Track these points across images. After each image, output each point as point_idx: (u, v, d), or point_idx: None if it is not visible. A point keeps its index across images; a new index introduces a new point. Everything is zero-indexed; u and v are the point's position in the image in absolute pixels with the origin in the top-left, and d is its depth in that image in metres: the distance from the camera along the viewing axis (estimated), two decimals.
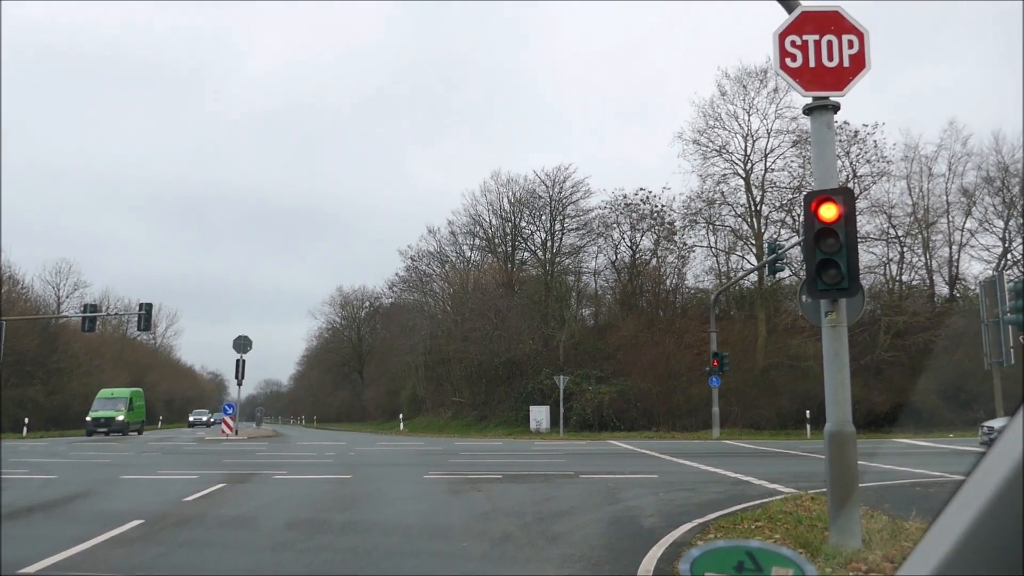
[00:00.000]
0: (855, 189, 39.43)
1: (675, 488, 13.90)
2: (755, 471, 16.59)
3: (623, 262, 52.26)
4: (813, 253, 7.08)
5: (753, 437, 33.60)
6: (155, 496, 13.59)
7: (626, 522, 10.28)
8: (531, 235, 56.19)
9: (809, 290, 7.34)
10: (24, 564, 7.52)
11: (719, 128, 44.88)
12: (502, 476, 16.55)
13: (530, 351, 48.42)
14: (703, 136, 45.08)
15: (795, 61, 7.51)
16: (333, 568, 7.51)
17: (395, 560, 8.02)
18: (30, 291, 61.97)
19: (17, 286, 58.69)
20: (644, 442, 31.45)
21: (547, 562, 7.77)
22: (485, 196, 57.06)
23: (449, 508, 12.06)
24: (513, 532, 9.48)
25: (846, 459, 7.30)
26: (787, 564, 1.48)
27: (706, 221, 46.43)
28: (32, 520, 11.16)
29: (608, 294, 54.63)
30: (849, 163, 42.08)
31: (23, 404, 47.90)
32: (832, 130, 7.73)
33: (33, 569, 7.39)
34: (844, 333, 7.47)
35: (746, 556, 1.50)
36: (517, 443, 33.20)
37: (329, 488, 14.89)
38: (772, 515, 9.55)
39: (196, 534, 9.82)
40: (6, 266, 56.32)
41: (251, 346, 40.72)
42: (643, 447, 27.62)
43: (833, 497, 7.29)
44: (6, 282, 56.52)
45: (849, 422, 7.37)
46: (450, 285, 61.07)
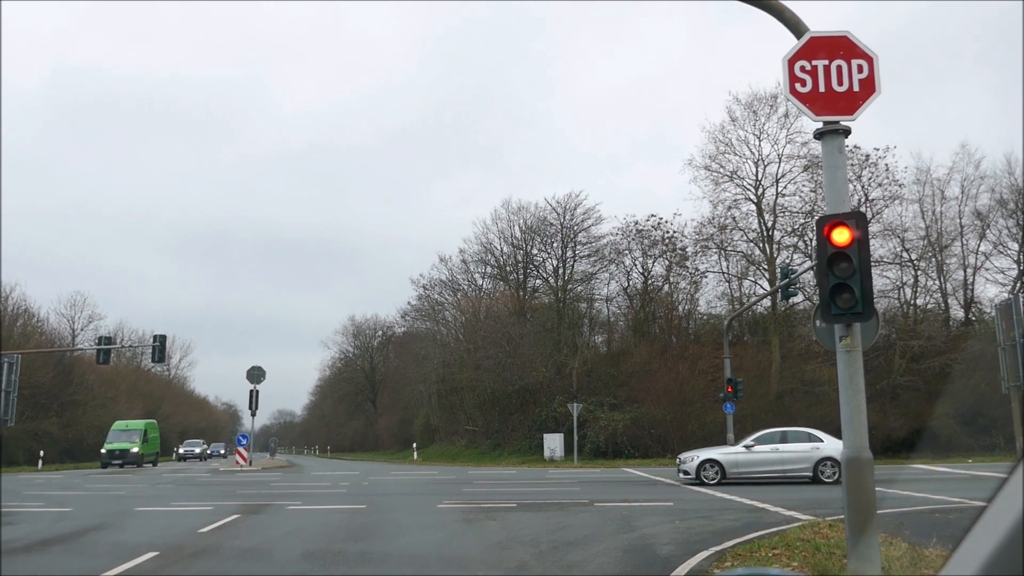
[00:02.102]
0: (868, 213, 39.33)
1: (690, 516, 13.77)
2: (771, 498, 16.43)
3: (635, 288, 52.19)
4: (826, 277, 7.05)
5: None
6: (170, 528, 13.57)
7: (642, 550, 10.18)
8: (543, 262, 56.26)
9: (823, 315, 7.30)
10: None
11: (730, 154, 44.96)
12: (516, 505, 16.44)
13: (543, 379, 48.24)
14: (714, 162, 45.14)
15: (805, 86, 7.53)
16: None
17: None
18: (45, 324, 62.40)
19: (32, 319, 59.08)
20: (659, 469, 31.19)
21: None
22: (496, 224, 57.21)
23: (464, 537, 11.98)
24: (528, 561, 9.40)
25: (864, 485, 7.21)
26: None
27: (718, 247, 46.38)
28: (48, 553, 11.15)
29: (621, 321, 54.50)
30: (861, 187, 42.00)
31: (38, 437, 48.01)
32: (843, 154, 7.73)
33: None
34: (859, 358, 7.41)
35: None
36: (531, 471, 33.00)
37: (344, 518, 14.83)
38: (790, 543, 9.44)
39: (211, 566, 9.79)
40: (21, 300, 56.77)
41: (264, 376, 40.78)
42: (658, 474, 27.39)
43: (851, 524, 7.20)
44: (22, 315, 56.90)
45: (866, 448, 7.30)
46: (462, 313, 61.05)
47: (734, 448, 21.41)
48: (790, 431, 22.06)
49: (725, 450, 21.60)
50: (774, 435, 21.56)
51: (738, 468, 20.63)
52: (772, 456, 20.75)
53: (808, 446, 20.91)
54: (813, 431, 22.10)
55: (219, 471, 38.43)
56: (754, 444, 21.05)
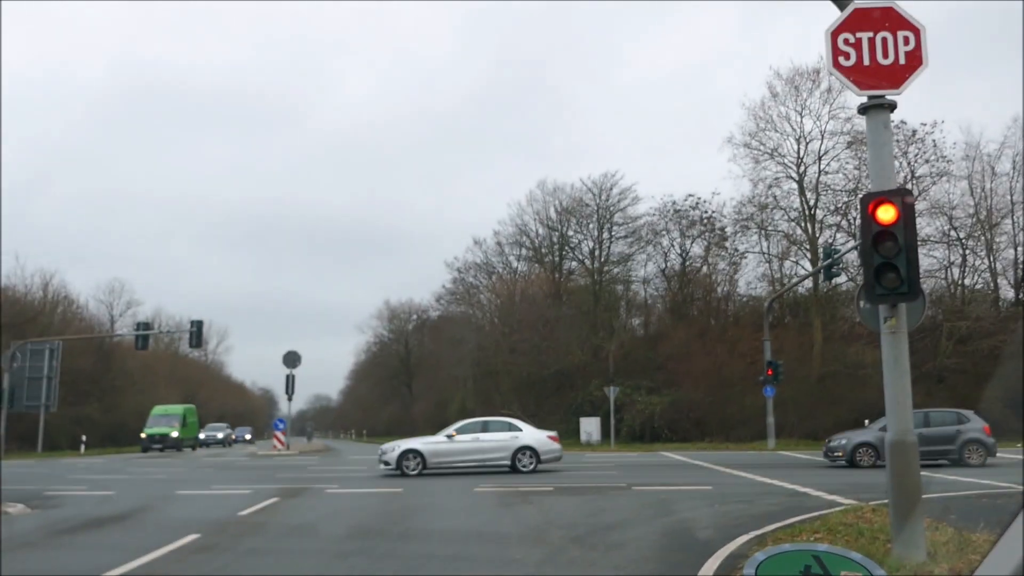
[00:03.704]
0: (914, 190, 38.64)
1: (730, 500, 13.73)
2: (813, 482, 16.32)
3: (673, 270, 51.87)
4: (871, 257, 6.95)
5: (810, 448, 32.98)
6: (210, 510, 13.84)
7: (680, 534, 10.19)
8: (578, 244, 56.10)
9: (867, 295, 7.21)
10: None
11: (771, 130, 44.38)
12: (553, 488, 16.51)
13: (579, 362, 48.26)
14: (754, 139, 44.61)
15: (848, 60, 7.40)
16: None
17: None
18: (84, 310, 63.64)
19: (72, 305, 60.31)
20: (697, 453, 31.11)
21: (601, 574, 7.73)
22: (531, 205, 57.10)
23: (501, 520, 12.08)
24: (566, 544, 9.45)
25: (909, 469, 7.14)
26: (856, 568, 1.45)
27: (758, 226, 45.90)
28: (92, 534, 11.44)
29: (658, 303, 54.26)
30: (907, 163, 41.27)
31: (80, 422, 49.04)
32: (889, 130, 7.59)
33: None
34: (904, 339, 7.32)
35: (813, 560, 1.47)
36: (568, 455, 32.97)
37: (380, 501, 15.02)
38: (832, 527, 9.37)
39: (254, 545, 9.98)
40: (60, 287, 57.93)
41: (300, 361, 41.25)
42: (696, 458, 27.33)
43: (896, 509, 7.13)
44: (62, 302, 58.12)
45: (911, 431, 7.22)
46: (497, 296, 61.20)
47: (436, 438, 21.54)
48: (492, 420, 22.53)
49: (427, 440, 21.74)
50: (476, 424, 21.89)
51: (439, 458, 20.69)
52: (473, 445, 20.90)
53: (507, 435, 21.17)
54: (513, 420, 22.74)
55: (257, 455, 39.05)
56: (456, 433, 21.16)
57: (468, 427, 21.63)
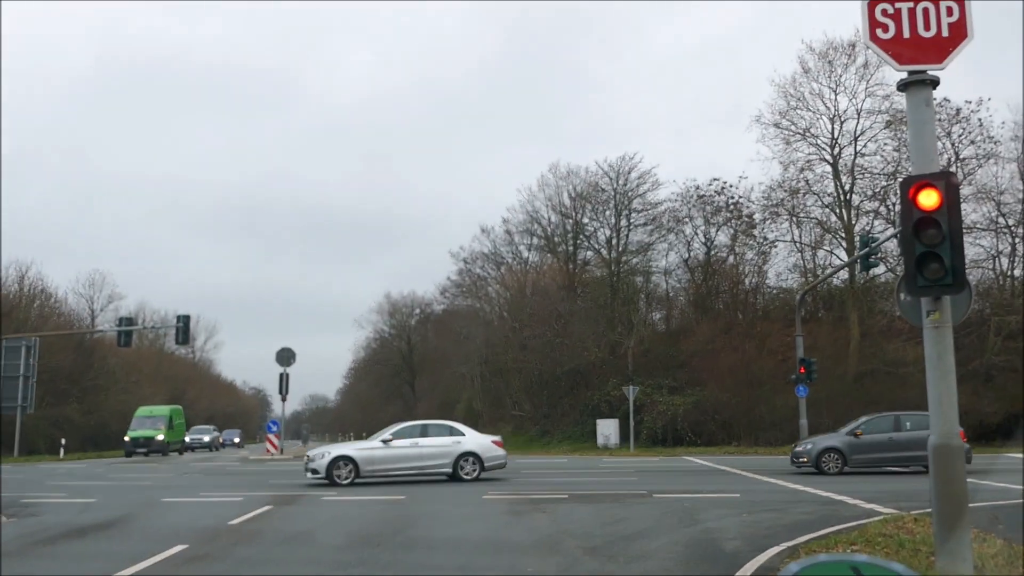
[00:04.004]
0: (959, 173, 38.43)
1: (759, 508, 13.72)
2: (849, 489, 16.29)
3: (696, 260, 51.74)
4: (912, 246, 6.92)
5: None
6: (199, 519, 13.91)
7: (706, 546, 10.19)
8: (594, 232, 55.98)
9: (908, 287, 7.18)
10: None
11: (802, 109, 44.15)
12: (568, 496, 16.54)
13: (596, 359, 48.24)
14: (784, 118, 44.39)
15: (887, 32, 7.35)
16: None
17: None
18: (63, 305, 63.86)
19: (50, 300, 60.57)
20: (723, 458, 31.10)
21: None
22: (543, 191, 56.94)
23: (511, 531, 12.10)
24: (581, 557, 9.47)
25: (953, 476, 7.12)
26: None
27: (789, 213, 45.70)
28: (70, 545, 11.52)
29: (681, 295, 54.15)
30: (951, 144, 41.00)
31: (59, 424, 49.32)
32: (931, 108, 7.54)
33: None
34: (949, 335, 7.28)
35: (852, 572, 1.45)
36: (583, 460, 33.13)
37: (381, 510, 15.06)
38: (870, 538, 9.36)
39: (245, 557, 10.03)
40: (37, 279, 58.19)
41: (295, 358, 41.36)
42: (722, 463, 27.33)
43: (940, 518, 7.11)
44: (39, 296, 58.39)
45: (956, 434, 7.19)
46: (506, 289, 61.21)
47: (370, 443, 21.27)
48: (431, 424, 22.42)
49: (360, 445, 21.48)
50: (414, 428, 21.70)
51: (374, 465, 20.45)
52: (412, 451, 20.71)
53: (449, 440, 21.04)
54: (455, 424, 22.68)
55: (248, 460, 39.23)
56: (392, 438, 20.91)
57: (406, 431, 21.38)
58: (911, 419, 22.45)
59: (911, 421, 22.34)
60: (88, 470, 31.29)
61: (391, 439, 20.95)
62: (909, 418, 22.65)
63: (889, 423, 22.61)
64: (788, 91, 44.24)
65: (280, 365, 41.06)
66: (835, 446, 22.01)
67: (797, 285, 45.38)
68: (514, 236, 60.40)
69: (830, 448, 22.02)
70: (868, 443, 22.03)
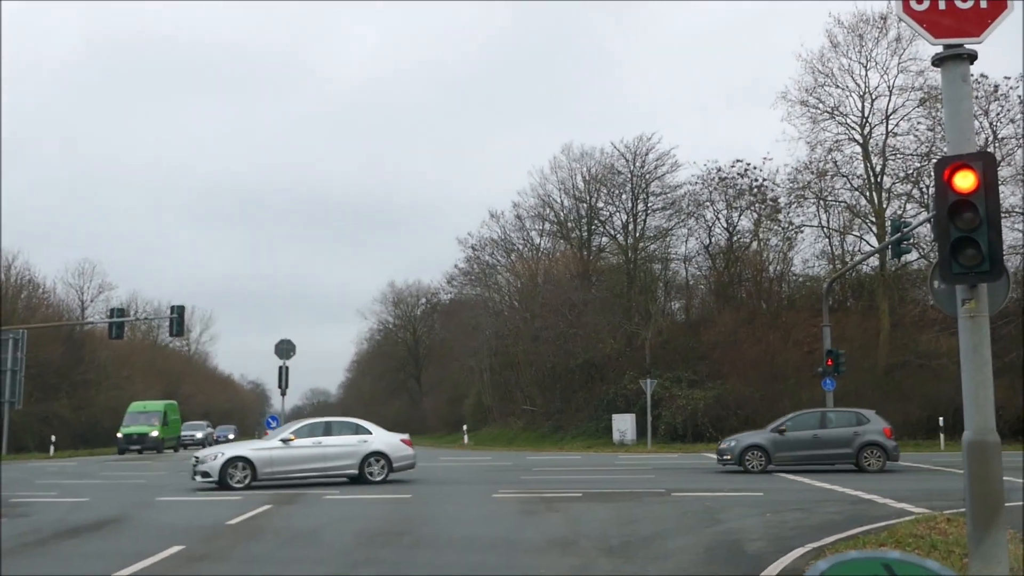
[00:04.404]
0: (997, 154, 38.21)
1: (784, 508, 13.74)
2: (879, 488, 16.29)
3: (718, 246, 51.63)
4: (947, 230, 6.90)
5: None
6: (194, 520, 14.01)
7: (727, 547, 10.21)
8: (610, 217, 55.85)
9: (942, 274, 7.16)
10: None
11: (831, 86, 43.92)
12: (582, 495, 16.59)
13: (611, 351, 48.24)
14: (811, 96, 44.17)
15: (921, 3, 7.31)
16: None
17: None
18: (52, 295, 64.19)
19: (38, 290, 60.88)
20: None
21: None
22: (556, 174, 56.81)
23: (522, 532, 12.15)
24: (597, 559, 9.51)
25: (989, 473, 7.11)
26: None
27: (816, 196, 45.52)
28: (61, 547, 11.62)
29: (701, 284, 54.05)
30: (988, 124, 40.76)
31: (48, 420, 49.70)
32: (968, 84, 7.50)
33: None
34: (985, 325, 7.26)
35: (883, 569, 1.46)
36: (598, 457, 33.18)
37: (386, 510, 15.14)
38: (900, 539, 9.38)
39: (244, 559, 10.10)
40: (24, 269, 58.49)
41: (295, 351, 41.46)
42: None
43: (974, 518, 7.11)
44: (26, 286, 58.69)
45: (992, 430, 7.18)
46: (517, 277, 61.20)
47: (268, 443, 20.67)
48: (335, 422, 21.98)
49: (258, 445, 20.89)
50: (317, 426, 21.25)
51: (272, 467, 19.80)
52: (314, 452, 20.18)
53: (355, 439, 20.62)
54: (361, 422, 22.16)
55: None
56: (294, 437, 20.36)
57: (308, 429, 20.91)
58: (836, 416, 23.11)
59: (836, 418, 22.95)
60: (79, 468, 31.52)
61: (292, 438, 20.30)
62: (834, 415, 23.32)
63: (815, 420, 23.02)
64: (816, 67, 44.05)
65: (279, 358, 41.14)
66: (759, 443, 22.32)
67: (824, 272, 45.27)
68: (525, 221, 60.35)
69: (754, 445, 22.32)
70: (792, 440, 22.25)
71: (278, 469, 19.82)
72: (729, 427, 40.07)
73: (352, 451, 20.34)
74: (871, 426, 22.11)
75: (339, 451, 20.31)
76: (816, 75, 43.97)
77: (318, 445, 20.26)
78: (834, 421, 22.69)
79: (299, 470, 20.05)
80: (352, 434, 20.87)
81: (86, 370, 58.22)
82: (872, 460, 21.52)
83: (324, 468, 20.23)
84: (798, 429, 22.47)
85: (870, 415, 22.73)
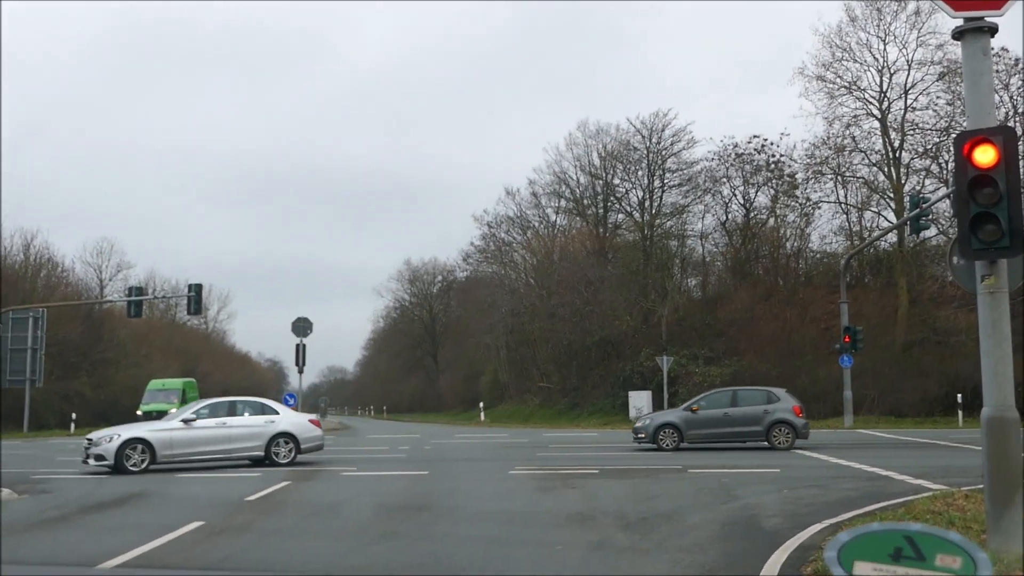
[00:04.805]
0: (1017, 128, 37.84)
1: (800, 484, 13.76)
2: (896, 464, 16.28)
3: (735, 223, 51.46)
4: (967, 206, 6.86)
5: (893, 426, 32.86)
6: (214, 496, 14.16)
7: (744, 523, 10.24)
8: (626, 194, 55.73)
9: (961, 250, 7.13)
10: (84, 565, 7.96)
11: (848, 60, 43.62)
12: (599, 471, 16.66)
13: (628, 328, 48.25)
14: (829, 70, 43.89)
15: None
16: None
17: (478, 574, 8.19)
18: (71, 274, 64.65)
19: (57, 269, 61.31)
20: None
21: (653, 569, 7.82)
22: (571, 150, 56.75)
23: (539, 508, 12.23)
24: (614, 535, 9.56)
25: (1007, 449, 7.10)
26: (954, 551, 1.44)
27: (834, 172, 45.30)
28: (83, 524, 11.77)
29: (718, 260, 53.93)
30: (1009, 98, 40.36)
31: (69, 398, 50.13)
32: (988, 58, 7.43)
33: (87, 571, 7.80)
34: (1005, 300, 7.23)
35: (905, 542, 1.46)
36: (615, 434, 33.24)
37: (404, 486, 15.27)
38: (918, 515, 9.38)
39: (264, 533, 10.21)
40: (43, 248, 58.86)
41: (312, 329, 41.71)
42: None
43: (992, 495, 7.11)
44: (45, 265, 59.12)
45: (1011, 406, 7.16)
46: (533, 254, 61.22)
47: (168, 423, 19.86)
48: (240, 401, 21.41)
49: (156, 426, 20.02)
50: (221, 406, 20.51)
51: (173, 449, 18.89)
52: (218, 432, 19.43)
53: (262, 419, 19.94)
54: (268, 402, 21.72)
55: None
56: (196, 418, 19.63)
57: (211, 409, 20.11)
58: (746, 394, 23.33)
59: (746, 396, 23.14)
60: None
61: (194, 418, 19.53)
62: (745, 393, 23.52)
63: (727, 398, 23.20)
64: (833, 41, 43.73)
65: (296, 336, 41.42)
66: (672, 421, 22.53)
67: (842, 249, 45.06)
68: (541, 198, 60.36)
69: (667, 423, 22.50)
70: (704, 419, 22.37)
71: (178, 451, 19.04)
72: None
73: (258, 432, 19.62)
74: (781, 404, 22.33)
75: (244, 432, 19.56)
76: (834, 49, 43.71)
77: (222, 426, 19.54)
78: (745, 399, 22.91)
79: (201, 452, 19.28)
80: (259, 414, 20.19)
81: (105, 348, 58.65)
82: (781, 438, 21.75)
83: (228, 450, 19.46)
84: (710, 408, 22.67)
85: (780, 393, 22.97)
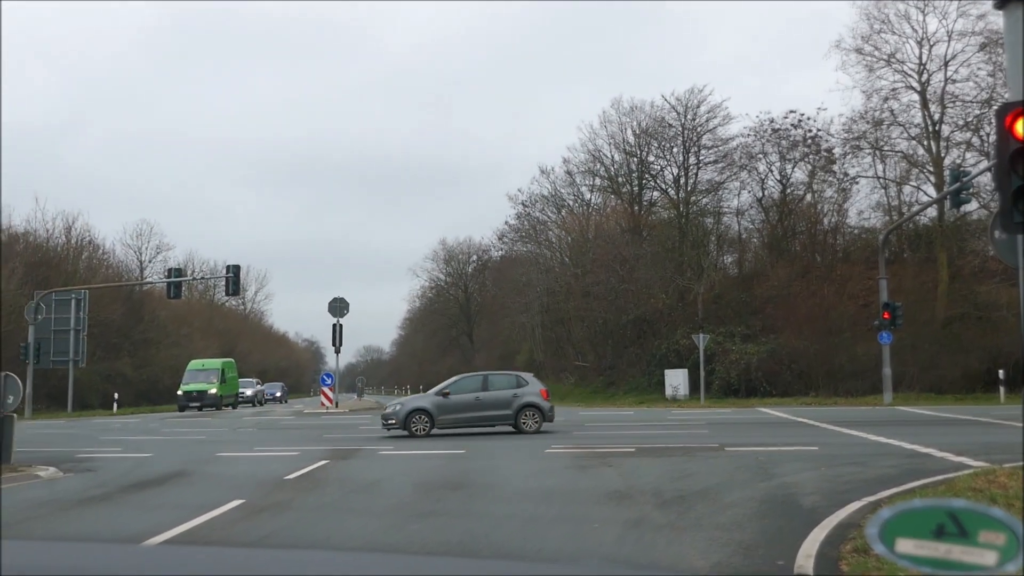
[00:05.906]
0: None
1: (839, 462, 13.68)
2: (936, 442, 16.12)
3: (771, 199, 51.02)
4: (1009, 178, 6.76)
5: (933, 402, 32.55)
6: (254, 475, 14.35)
7: (781, 501, 10.21)
8: (660, 171, 55.46)
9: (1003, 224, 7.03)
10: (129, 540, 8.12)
11: (887, 32, 43.07)
12: (635, 449, 16.66)
13: (663, 306, 48.13)
14: (867, 43, 43.35)
15: None
16: None
17: (516, 551, 8.25)
18: (111, 256, 65.58)
19: (98, 251, 62.20)
20: (800, 409, 30.96)
21: (690, 546, 7.82)
22: (605, 128, 56.44)
23: (576, 486, 12.27)
24: (650, 513, 9.57)
25: None
26: (999, 528, 1.42)
27: (872, 146, 44.80)
28: (131, 499, 12.01)
29: (754, 237, 53.58)
30: None
31: (111, 378, 51.00)
32: None
33: None
34: None
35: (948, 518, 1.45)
36: (651, 412, 33.26)
37: (441, 464, 15.38)
38: (958, 492, 9.29)
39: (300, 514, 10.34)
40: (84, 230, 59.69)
41: (348, 309, 42.08)
42: (799, 415, 27.22)
43: None
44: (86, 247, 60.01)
45: None
46: (568, 233, 61.11)
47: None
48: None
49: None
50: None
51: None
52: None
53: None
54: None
55: (303, 414, 40.17)
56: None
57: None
58: (496, 379, 23.37)
59: (496, 381, 23.14)
60: (142, 425, 32.38)
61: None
62: (495, 378, 23.52)
63: (477, 383, 23.04)
64: (871, 13, 43.19)
65: (333, 316, 41.81)
66: (423, 407, 22.29)
67: (880, 224, 44.61)
68: (575, 177, 60.21)
69: (418, 409, 22.23)
70: (455, 403, 22.14)
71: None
72: (782, 382, 39.97)
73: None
74: (529, 388, 22.38)
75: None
76: (872, 21, 43.19)
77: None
78: (495, 384, 22.88)
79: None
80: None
81: (146, 329, 59.56)
82: (529, 421, 21.77)
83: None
84: (461, 392, 22.46)
85: (528, 378, 23.16)
